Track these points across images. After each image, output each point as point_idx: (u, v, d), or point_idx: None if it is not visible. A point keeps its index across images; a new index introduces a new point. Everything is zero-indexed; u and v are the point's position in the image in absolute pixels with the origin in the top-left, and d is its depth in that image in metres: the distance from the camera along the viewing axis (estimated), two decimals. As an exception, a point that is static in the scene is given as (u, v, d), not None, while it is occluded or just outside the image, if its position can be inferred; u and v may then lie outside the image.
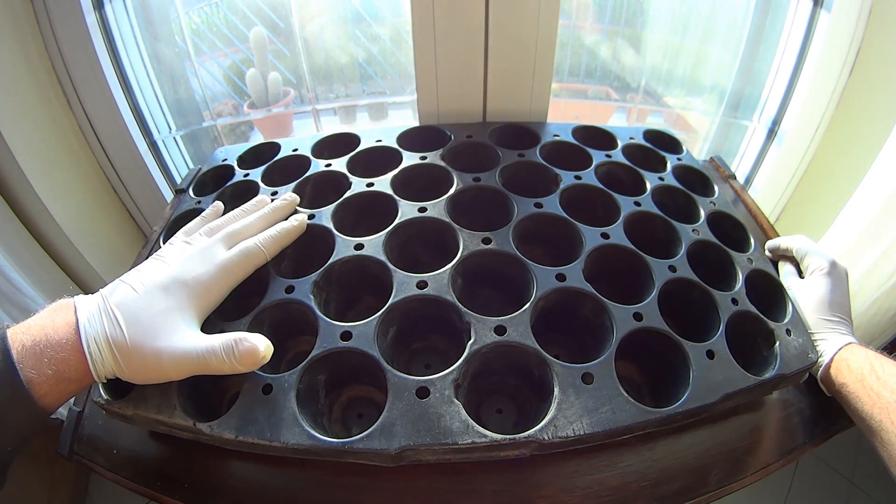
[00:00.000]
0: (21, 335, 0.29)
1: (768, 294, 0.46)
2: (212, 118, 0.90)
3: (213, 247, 0.39)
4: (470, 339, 0.38)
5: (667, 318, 0.40)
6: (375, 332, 0.38)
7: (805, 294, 0.45)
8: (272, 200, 0.47)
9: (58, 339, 0.30)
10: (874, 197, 0.58)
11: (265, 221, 0.43)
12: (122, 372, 0.32)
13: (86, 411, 0.44)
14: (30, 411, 0.29)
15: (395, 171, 0.53)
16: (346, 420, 0.41)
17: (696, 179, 0.57)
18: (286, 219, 0.45)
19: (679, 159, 0.59)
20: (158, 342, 0.32)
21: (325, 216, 0.48)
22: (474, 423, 0.34)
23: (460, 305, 0.39)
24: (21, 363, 0.28)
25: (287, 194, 0.48)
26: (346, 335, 0.38)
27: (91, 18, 0.66)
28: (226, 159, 0.60)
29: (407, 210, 0.48)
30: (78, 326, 0.31)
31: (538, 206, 0.49)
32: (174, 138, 0.86)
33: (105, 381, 0.32)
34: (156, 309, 0.33)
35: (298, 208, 0.48)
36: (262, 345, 0.34)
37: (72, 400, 0.46)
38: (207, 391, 0.41)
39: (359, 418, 0.41)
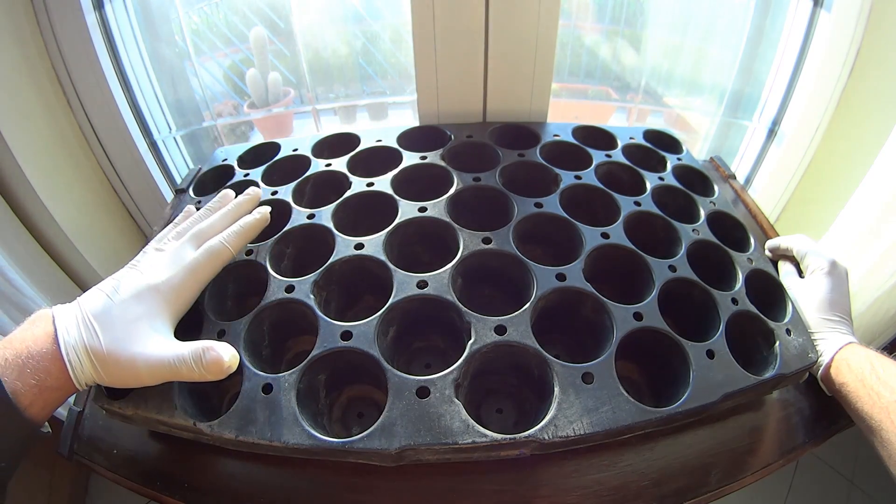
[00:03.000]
0: (2, 350, 0.30)
1: (768, 294, 0.46)
2: (212, 118, 0.90)
3: (182, 249, 0.39)
4: (470, 338, 0.38)
5: (667, 318, 0.40)
6: (375, 331, 0.38)
7: (805, 294, 0.45)
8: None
9: (38, 349, 0.31)
10: (874, 197, 0.58)
11: (229, 218, 0.43)
12: (101, 378, 0.32)
13: (86, 411, 0.44)
14: (17, 423, 0.30)
15: (396, 171, 0.53)
16: (346, 420, 0.41)
17: (695, 179, 0.57)
18: (250, 212, 0.45)
19: (679, 159, 0.59)
20: (133, 349, 0.33)
21: (325, 216, 0.48)
22: (474, 423, 0.34)
23: (460, 305, 0.40)
24: (4, 376, 0.29)
25: (250, 189, 0.48)
26: (347, 335, 0.38)
27: (91, 18, 0.66)
28: (226, 159, 0.60)
29: (407, 210, 0.48)
30: (56, 336, 0.32)
31: (538, 205, 0.49)
32: (174, 138, 0.86)
33: (87, 388, 0.33)
34: (130, 316, 0.34)
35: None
36: (226, 355, 0.34)
37: (72, 400, 0.46)
38: (208, 391, 0.41)
39: (359, 418, 0.41)
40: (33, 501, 0.78)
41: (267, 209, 0.45)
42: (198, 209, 0.53)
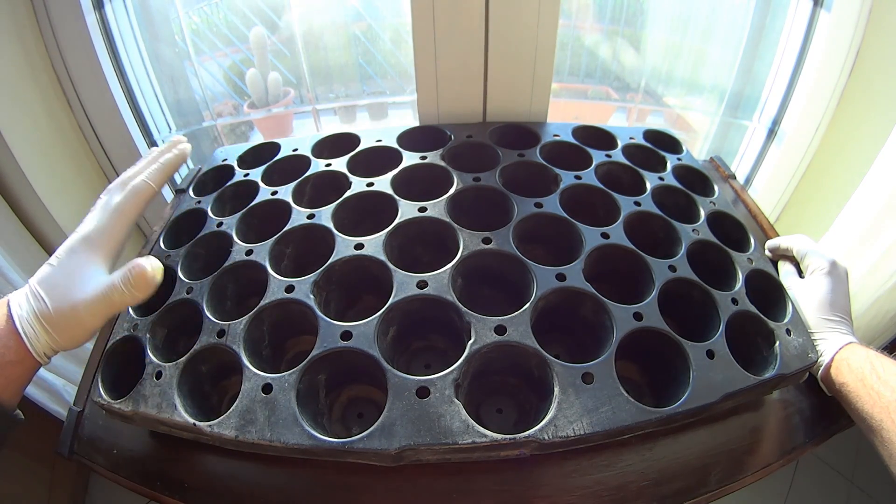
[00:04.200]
0: None
1: (768, 294, 0.46)
2: (212, 118, 0.90)
3: (109, 197, 0.40)
4: (470, 338, 0.38)
5: (667, 318, 0.40)
6: (375, 331, 0.38)
7: (805, 294, 0.45)
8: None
9: None
10: (874, 197, 0.58)
11: (152, 161, 0.44)
12: (55, 341, 0.34)
13: (86, 411, 0.44)
14: None
15: (395, 171, 0.53)
16: (346, 420, 0.41)
17: (695, 179, 0.57)
18: None
19: (679, 159, 0.59)
20: (73, 297, 0.35)
21: (325, 216, 0.48)
22: (474, 423, 0.34)
23: (460, 305, 0.39)
24: None
25: (175, 136, 0.48)
26: (347, 335, 0.38)
27: (91, 18, 0.66)
28: (226, 159, 0.60)
29: (407, 210, 0.48)
30: (10, 313, 0.34)
31: (538, 206, 0.49)
32: (174, 138, 0.86)
33: (47, 359, 0.35)
34: (68, 271, 0.36)
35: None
36: (148, 265, 0.36)
37: (72, 400, 0.46)
38: (208, 391, 0.41)
39: (359, 418, 0.41)
40: (34, 500, 0.78)
41: (187, 144, 0.45)
42: (198, 209, 0.53)
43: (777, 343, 0.41)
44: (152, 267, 0.36)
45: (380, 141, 0.58)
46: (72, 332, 0.34)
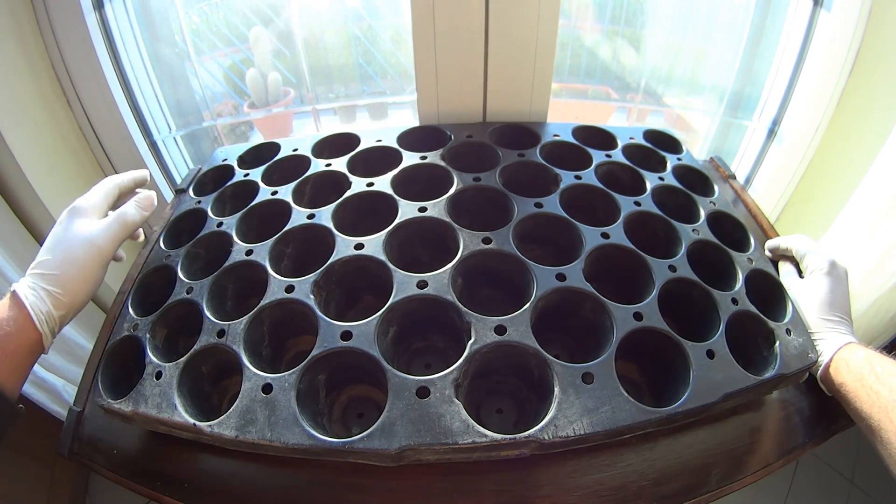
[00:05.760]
0: None
1: (768, 294, 0.46)
2: (212, 118, 0.90)
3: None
4: (470, 338, 0.38)
5: (667, 318, 0.40)
6: (375, 331, 0.38)
7: (805, 294, 0.45)
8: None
9: (1, 317, 0.34)
10: (874, 197, 0.58)
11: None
12: (59, 302, 0.36)
13: (86, 411, 0.44)
14: None
15: (395, 171, 0.53)
16: (346, 420, 0.41)
17: (696, 179, 0.57)
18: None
19: (679, 159, 0.59)
20: (72, 244, 0.38)
21: (325, 216, 0.48)
22: (474, 423, 0.34)
23: (460, 305, 0.39)
24: None
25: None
26: (347, 335, 0.38)
27: (91, 18, 0.66)
28: (226, 159, 0.60)
29: (407, 210, 0.48)
30: (18, 296, 0.35)
31: (538, 206, 0.49)
32: (174, 138, 0.86)
33: (51, 336, 0.36)
34: (62, 231, 0.39)
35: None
36: (152, 193, 0.45)
37: (72, 400, 0.46)
38: (208, 391, 0.41)
39: (359, 418, 0.41)
40: (34, 500, 0.78)
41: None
42: (198, 209, 0.53)
43: (777, 343, 0.41)
44: (153, 194, 0.46)
45: (380, 141, 0.58)
46: (79, 275, 0.37)
